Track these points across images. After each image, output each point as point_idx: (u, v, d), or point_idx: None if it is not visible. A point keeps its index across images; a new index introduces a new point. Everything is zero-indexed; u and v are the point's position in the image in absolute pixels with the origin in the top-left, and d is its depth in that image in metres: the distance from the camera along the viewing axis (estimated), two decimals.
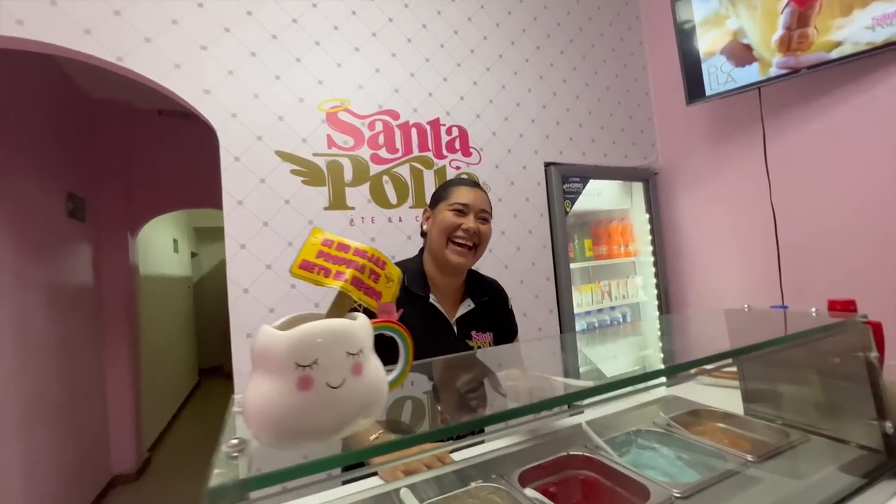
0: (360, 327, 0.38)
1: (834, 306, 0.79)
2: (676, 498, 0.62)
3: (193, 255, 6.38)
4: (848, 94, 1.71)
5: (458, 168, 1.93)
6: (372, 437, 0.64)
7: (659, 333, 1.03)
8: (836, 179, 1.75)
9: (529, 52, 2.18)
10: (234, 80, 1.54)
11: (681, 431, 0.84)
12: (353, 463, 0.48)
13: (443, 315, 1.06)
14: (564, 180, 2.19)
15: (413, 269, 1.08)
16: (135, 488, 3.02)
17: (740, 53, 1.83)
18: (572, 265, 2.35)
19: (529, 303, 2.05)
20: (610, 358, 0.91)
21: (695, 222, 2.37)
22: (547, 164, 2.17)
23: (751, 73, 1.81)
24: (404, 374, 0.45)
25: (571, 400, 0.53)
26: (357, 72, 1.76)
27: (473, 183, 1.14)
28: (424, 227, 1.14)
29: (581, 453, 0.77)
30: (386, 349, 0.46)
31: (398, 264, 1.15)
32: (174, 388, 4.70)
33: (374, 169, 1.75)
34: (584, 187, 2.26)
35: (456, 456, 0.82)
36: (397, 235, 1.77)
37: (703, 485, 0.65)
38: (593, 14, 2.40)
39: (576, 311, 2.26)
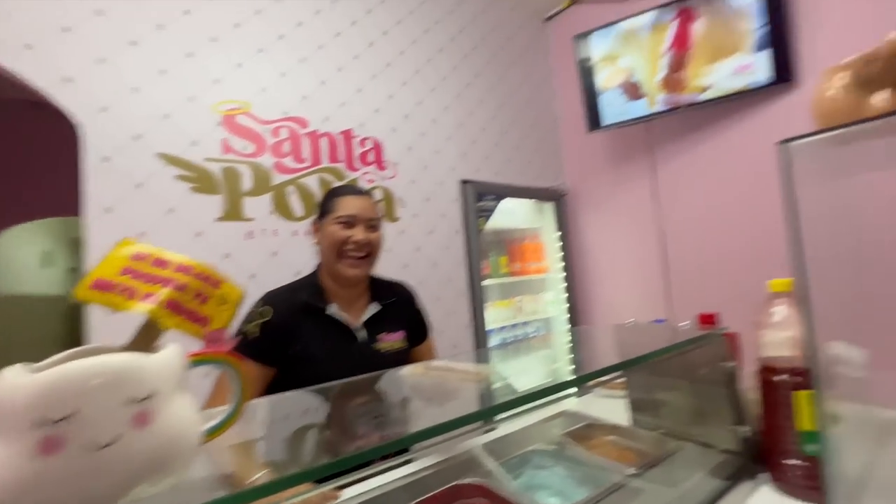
0: (155, 364, 0.30)
1: (701, 320, 0.86)
2: None
3: (73, 270, 5.50)
4: (718, 130, 1.96)
5: (371, 181, 1.87)
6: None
7: (547, 351, 1.05)
8: (711, 203, 1.99)
9: (447, 71, 2.21)
10: (105, 69, 1.34)
11: (572, 448, 0.84)
12: None
13: (343, 325, 1.02)
14: (479, 198, 2.23)
15: (311, 283, 1.05)
16: None
17: (631, 89, 2.03)
18: (489, 281, 2.39)
19: (444, 319, 2.02)
20: (514, 374, 0.90)
21: (598, 241, 2.54)
22: (463, 182, 2.20)
23: (641, 107, 2.01)
24: (235, 416, 0.37)
25: (471, 421, 0.49)
26: (260, 74, 1.64)
27: (358, 190, 1.12)
28: (314, 240, 1.08)
29: (472, 482, 0.73)
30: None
31: (298, 282, 1.07)
32: None
33: (278, 178, 1.62)
34: (497, 205, 2.32)
35: (346, 492, 0.74)
36: (303, 250, 1.65)
37: (590, 500, 0.64)
38: (505, 44, 2.52)
39: (491, 326, 2.28)
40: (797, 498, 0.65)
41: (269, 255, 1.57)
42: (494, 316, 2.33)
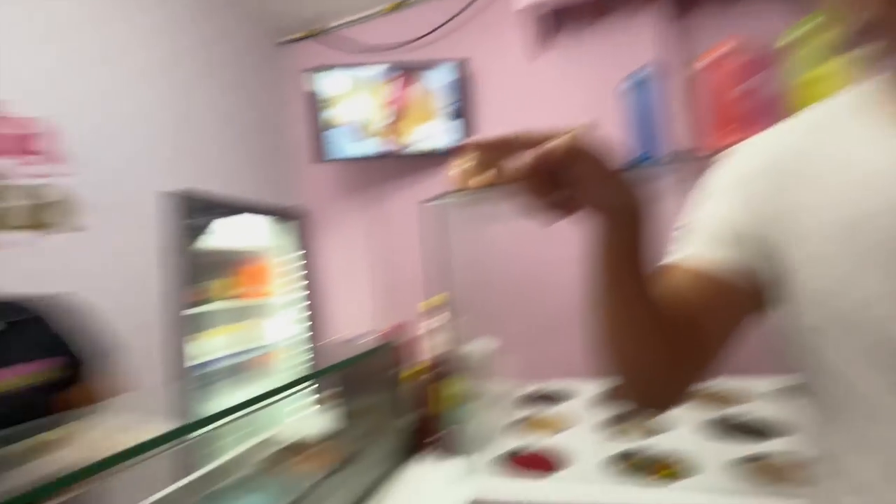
0: None
1: (385, 333, 1.06)
2: None
3: None
4: (415, 179, 2.42)
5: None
6: None
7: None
8: (402, 235, 2.43)
9: (163, 54, 1.89)
10: None
11: (270, 471, 0.87)
12: None
13: None
14: (190, 215, 1.96)
15: None
16: None
17: (358, 130, 2.28)
18: (206, 307, 2.12)
19: (141, 359, 1.65)
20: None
21: (332, 262, 2.68)
22: (169, 195, 1.89)
23: (366, 147, 2.28)
24: None
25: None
26: None
27: None
28: None
29: None
30: None
31: None
32: None
33: None
34: (213, 224, 2.11)
35: None
36: None
37: None
38: (234, 55, 2.38)
39: (207, 357, 2.03)
40: (442, 458, 0.89)
41: None
42: (214, 346, 2.08)
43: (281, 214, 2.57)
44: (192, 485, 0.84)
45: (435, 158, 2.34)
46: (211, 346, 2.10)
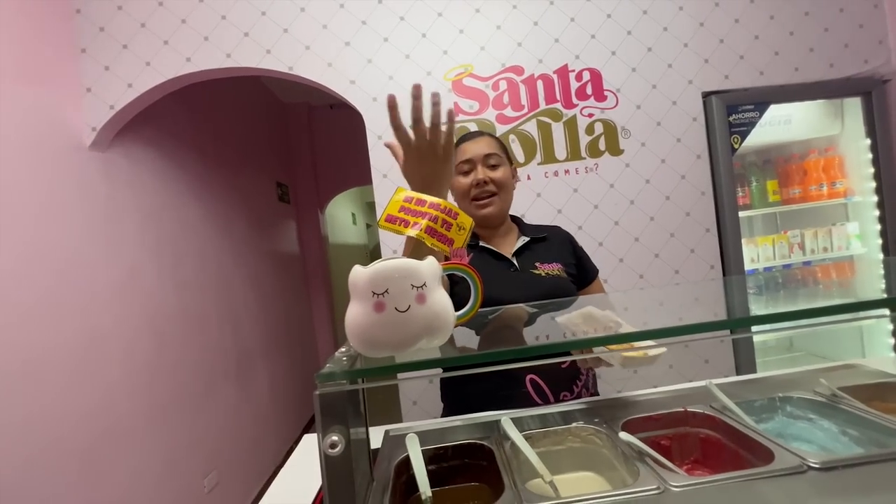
0: (425, 266, 0.45)
1: None
2: (812, 468, 0.53)
3: (368, 226, 7.50)
4: None
5: (590, 115, 1.79)
6: None
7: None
8: None
9: None
10: (372, 68, 1.75)
11: (849, 403, 0.68)
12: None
13: (498, 254, 1.06)
14: (731, 111, 1.81)
15: None
16: None
17: None
18: (749, 212, 1.97)
19: (682, 258, 1.82)
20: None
21: None
22: (706, 94, 1.83)
23: None
24: (475, 308, 0.51)
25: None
26: (479, 34, 1.77)
27: (473, 134, 1.10)
28: (452, 198, 1.15)
29: (701, 411, 0.71)
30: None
31: None
32: None
33: (500, 129, 1.77)
34: (760, 116, 1.83)
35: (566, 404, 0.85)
36: (525, 194, 1.78)
37: (855, 460, 0.53)
38: None
39: (751, 267, 1.90)
40: None
41: None
42: (754, 255, 1.92)
43: (858, 87, 1.85)
44: (740, 385, 0.83)
45: None
46: (763, 252, 1.93)
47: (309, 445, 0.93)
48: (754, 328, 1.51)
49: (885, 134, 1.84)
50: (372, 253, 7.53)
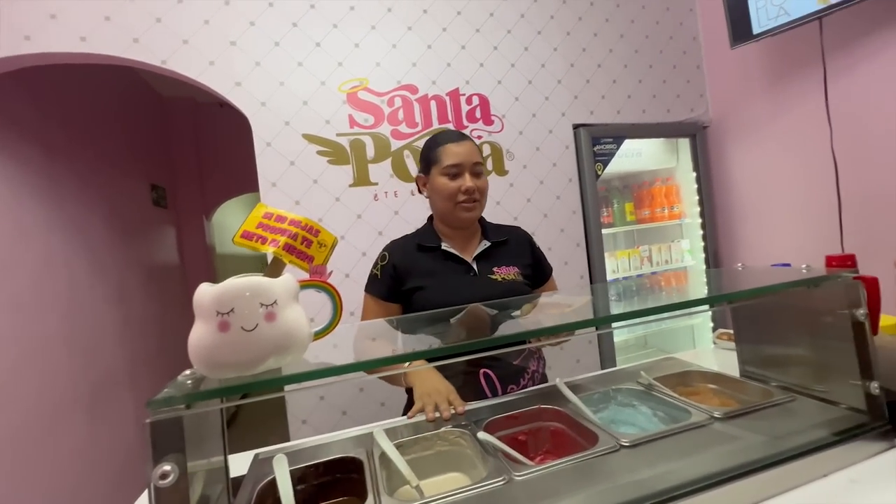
0: (277, 284, 0.45)
1: (830, 262, 0.73)
2: (623, 446, 0.65)
3: None
4: None
5: (479, 137, 1.93)
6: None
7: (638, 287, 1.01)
8: None
9: (554, 8, 2.07)
10: (261, 71, 1.67)
11: (660, 390, 0.84)
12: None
13: (458, 258, 1.11)
14: (595, 142, 2.10)
15: (426, 230, 1.18)
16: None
17: None
18: (611, 230, 2.28)
19: (558, 269, 2.02)
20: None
21: (749, 178, 2.16)
22: (576, 126, 2.09)
23: (807, 3, 1.58)
24: (332, 326, 0.52)
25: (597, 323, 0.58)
26: (374, 50, 1.81)
27: (458, 134, 1.14)
28: (424, 193, 1.19)
29: (552, 406, 0.81)
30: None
31: (415, 231, 1.22)
32: None
33: (395, 144, 1.81)
34: (618, 148, 2.15)
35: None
36: (420, 207, 1.84)
37: (654, 436, 0.66)
38: None
39: (611, 277, 2.20)
40: None
41: (392, 214, 1.80)
42: (614, 266, 2.23)
43: (688, 129, 2.28)
44: (585, 381, 0.96)
45: None
46: (621, 264, 2.24)
47: None
48: (614, 325, 1.79)
49: (706, 169, 2.29)
50: (264, 265, 7.03)
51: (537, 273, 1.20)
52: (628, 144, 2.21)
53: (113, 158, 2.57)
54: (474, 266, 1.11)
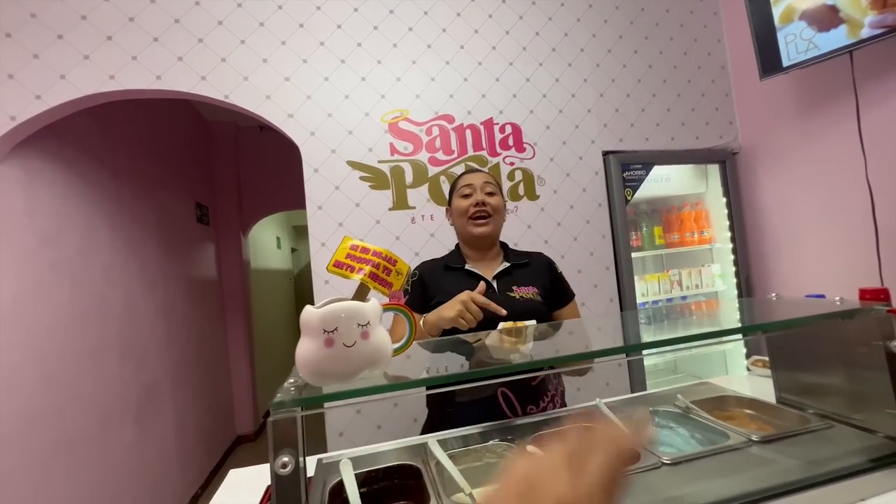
0: (369, 307, 0.54)
1: (864, 295, 0.77)
2: (665, 464, 0.69)
3: (293, 250, 7.23)
4: None
5: (511, 164, 2.02)
6: None
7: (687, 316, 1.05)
8: None
9: (585, 42, 2.17)
10: (311, 104, 1.82)
11: (697, 413, 0.88)
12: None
13: (479, 275, 1.18)
14: (625, 168, 2.15)
15: (452, 253, 1.29)
16: (253, 446, 3.62)
17: (823, 16, 1.65)
18: (640, 254, 2.31)
19: (587, 292, 2.08)
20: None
21: (779, 205, 2.17)
22: (605, 153, 2.16)
23: (837, 38, 1.63)
24: (409, 343, 0.60)
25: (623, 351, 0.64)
26: (415, 83, 1.93)
27: (474, 169, 1.31)
28: (450, 221, 1.30)
29: (594, 425, 0.86)
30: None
31: (445, 255, 1.31)
32: (282, 366, 5.45)
33: (432, 171, 1.92)
34: (647, 174, 2.20)
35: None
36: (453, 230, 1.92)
37: (694, 455, 0.71)
38: None
39: (641, 300, 2.22)
40: None
41: (428, 236, 1.89)
42: (643, 290, 2.25)
43: (717, 156, 2.31)
44: (624, 402, 1.00)
45: None
46: (651, 287, 2.26)
47: (232, 486, 0.91)
48: (645, 352, 1.80)
49: (736, 194, 2.31)
50: (296, 279, 7.23)
51: (556, 295, 1.24)
52: (657, 170, 2.26)
53: (166, 179, 2.77)
54: (494, 284, 1.18)
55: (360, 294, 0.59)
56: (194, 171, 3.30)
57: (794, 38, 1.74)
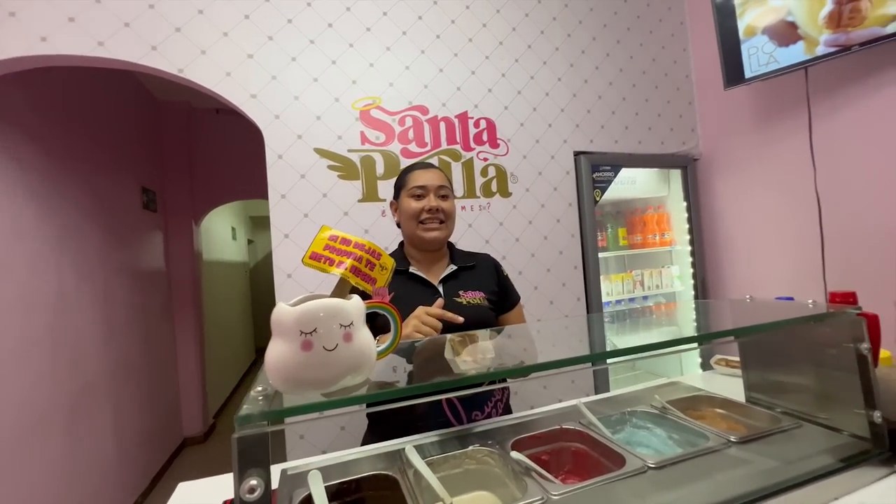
0: (352, 306, 0.48)
1: (834, 298, 0.80)
2: (650, 468, 0.68)
3: (250, 241, 6.88)
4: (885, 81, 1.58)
5: (485, 160, 1.99)
6: None
7: (656, 319, 1.06)
8: (886, 164, 1.63)
9: (560, 41, 2.17)
10: (276, 85, 1.69)
11: (674, 413, 0.88)
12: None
13: (425, 279, 1.13)
14: (594, 169, 2.18)
15: (395, 254, 1.20)
16: (202, 449, 3.41)
17: (784, 32, 1.74)
18: (605, 254, 2.35)
19: (556, 290, 2.09)
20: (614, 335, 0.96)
21: (735, 210, 2.28)
22: (576, 154, 2.18)
23: (795, 53, 1.72)
24: (394, 345, 0.55)
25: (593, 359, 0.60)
26: (388, 70, 1.86)
27: (428, 164, 1.22)
28: (395, 218, 1.22)
29: (573, 427, 0.84)
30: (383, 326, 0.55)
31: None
32: (234, 364, 5.17)
33: (405, 162, 1.85)
34: (615, 176, 2.24)
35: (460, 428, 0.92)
36: None
37: (678, 458, 0.70)
38: None
39: (606, 299, 2.27)
40: None
41: (396, 231, 1.82)
42: (608, 289, 2.30)
43: (680, 162, 2.40)
44: (601, 403, 0.99)
45: None
46: (615, 287, 2.31)
47: (181, 502, 0.82)
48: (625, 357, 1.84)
49: (695, 199, 2.41)
50: (252, 272, 6.90)
51: (502, 300, 1.21)
52: (624, 172, 2.31)
53: (108, 160, 2.52)
54: (440, 289, 1.13)
55: (341, 291, 0.53)
56: (141, 154, 3.03)
57: (756, 51, 1.82)
